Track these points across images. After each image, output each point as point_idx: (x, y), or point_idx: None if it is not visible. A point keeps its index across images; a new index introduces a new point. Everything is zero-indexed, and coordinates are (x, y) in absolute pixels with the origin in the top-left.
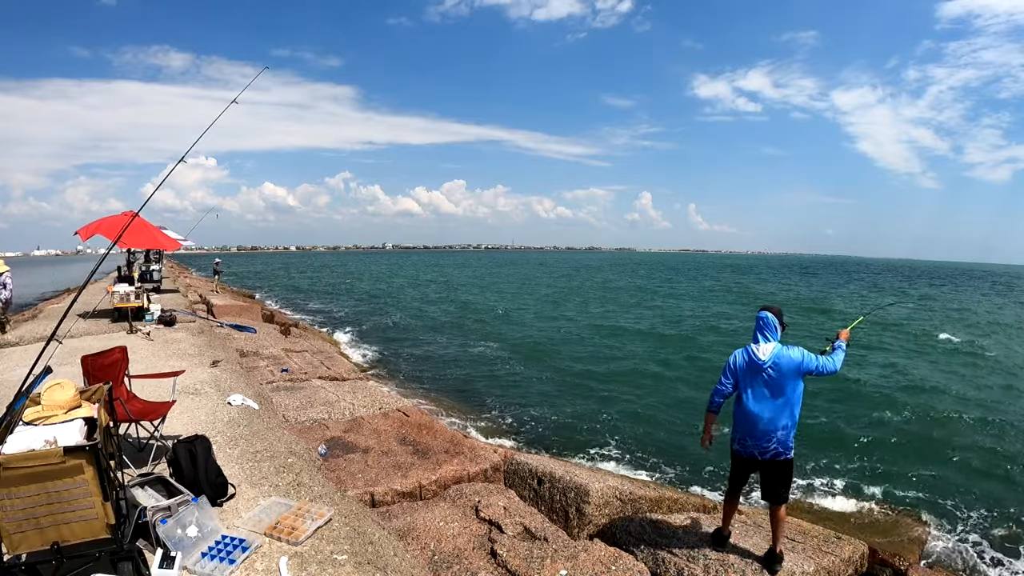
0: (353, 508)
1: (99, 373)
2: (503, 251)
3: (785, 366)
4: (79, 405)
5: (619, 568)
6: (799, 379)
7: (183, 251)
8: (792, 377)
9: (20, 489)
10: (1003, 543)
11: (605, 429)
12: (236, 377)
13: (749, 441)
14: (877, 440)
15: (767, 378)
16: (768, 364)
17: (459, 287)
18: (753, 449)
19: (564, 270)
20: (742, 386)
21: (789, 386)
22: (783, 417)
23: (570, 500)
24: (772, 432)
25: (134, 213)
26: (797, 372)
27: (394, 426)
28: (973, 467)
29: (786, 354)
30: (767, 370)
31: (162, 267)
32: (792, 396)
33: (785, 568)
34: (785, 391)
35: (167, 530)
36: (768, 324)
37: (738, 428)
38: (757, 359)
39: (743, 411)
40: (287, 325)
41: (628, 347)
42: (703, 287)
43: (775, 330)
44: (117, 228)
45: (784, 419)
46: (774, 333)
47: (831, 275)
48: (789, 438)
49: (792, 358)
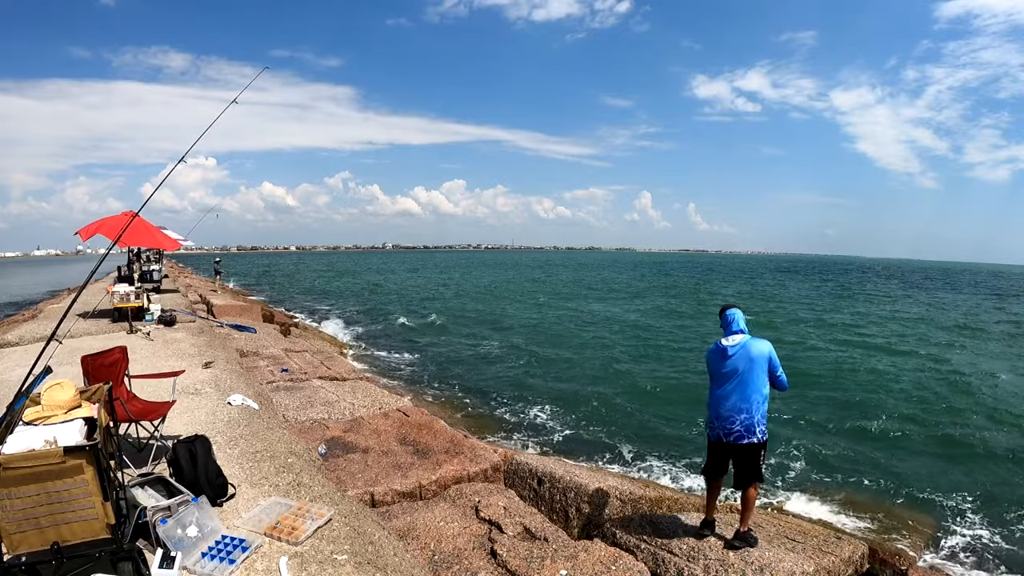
0: (353, 508)
1: (99, 373)
2: (503, 251)
3: (752, 353)
4: (79, 405)
5: (619, 568)
6: (764, 369)
7: (183, 251)
8: (758, 365)
9: (20, 489)
10: (1003, 543)
11: (605, 429)
12: (236, 377)
13: (715, 423)
14: (877, 440)
15: (732, 364)
16: (734, 351)
17: (462, 291)
18: (719, 431)
19: (565, 270)
20: (712, 373)
21: (753, 373)
22: (746, 401)
23: (570, 500)
24: (735, 415)
25: (134, 213)
26: (762, 361)
27: (394, 426)
28: (973, 467)
29: (754, 344)
30: (732, 356)
31: (162, 267)
32: (756, 382)
33: (785, 568)
34: (749, 377)
35: (167, 530)
36: (735, 319)
37: (708, 411)
38: (724, 347)
39: (712, 396)
40: (287, 325)
41: (628, 347)
42: (700, 286)
43: (742, 323)
44: (117, 228)
45: (747, 403)
46: (741, 326)
47: (811, 275)
48: (755, 423)
49: (760, 348)
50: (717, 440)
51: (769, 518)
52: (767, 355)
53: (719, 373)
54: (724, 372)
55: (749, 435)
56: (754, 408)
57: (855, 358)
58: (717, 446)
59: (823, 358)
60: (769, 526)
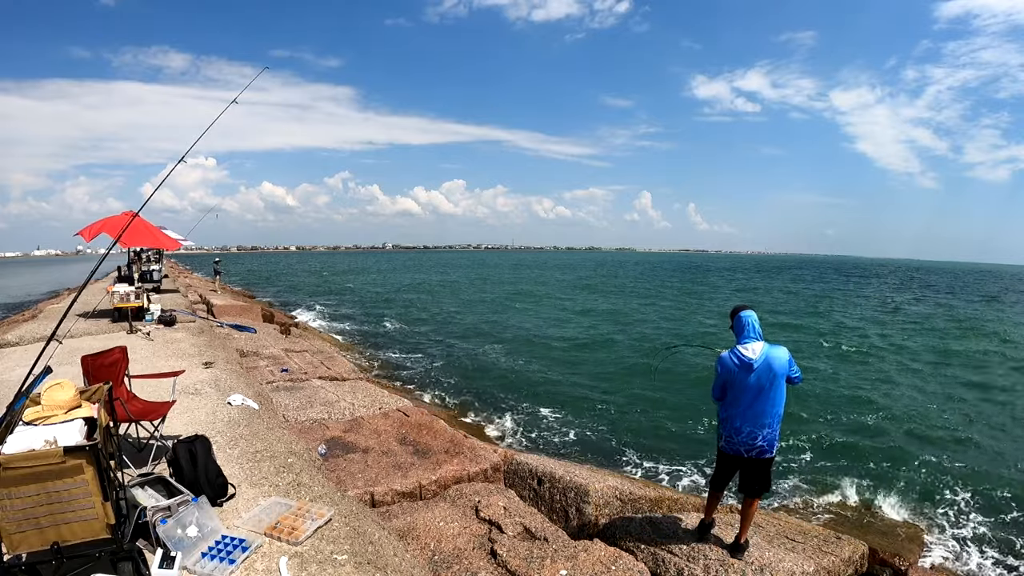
0: (353, 508)
1: (99, 373)
2: (503, 251)
3: (776, 367)
4: (79, 405)
5: (619, 568)
6: (784, 380)
7: (183, 251)
8: (780, 377)
9: (20, 489)
10: (1003, 543)
11: (605, 429)
12: (236, 377)
13: (735, 439)
14: (877, 440)
15: (758, 377)
16: (759, 363)
17: (462, 291)
18: (740, 447)
19: (564, 270)
20: (732, 386)
21: (776, 384)
22: (771, 416)
23: (570, 500)
24: (759, 431)
25: (134, 213)
26: (784, 373)
27: (394, 426)
28: (973, 467)
29: (775, 353)
30: (758, 369)
31: (162, 267)
32: (779, 395)
33: (785, 568)
34: (773, 390)
35: (167, 530)
36: (751, 324)
37: (726, 427)
38: (748, 359)
39: (730, 410)
40: (287, 325)
41: (628, 347)
42: (693, 285)
43: (759, 327)
44: (118, 228)
45: (771, 418)
46: (759, 331)
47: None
48: (775, 437)
49: (780, 357)
50: (736, 455)
51: (769, 518)
52: (787, 364)
53: (741, 388)
54: (747, 386)
55: (770, 449)
56: (776, 422)
57: (855, 357)
58: (734, 460)
59: (823, 358)
60: (769, 526)
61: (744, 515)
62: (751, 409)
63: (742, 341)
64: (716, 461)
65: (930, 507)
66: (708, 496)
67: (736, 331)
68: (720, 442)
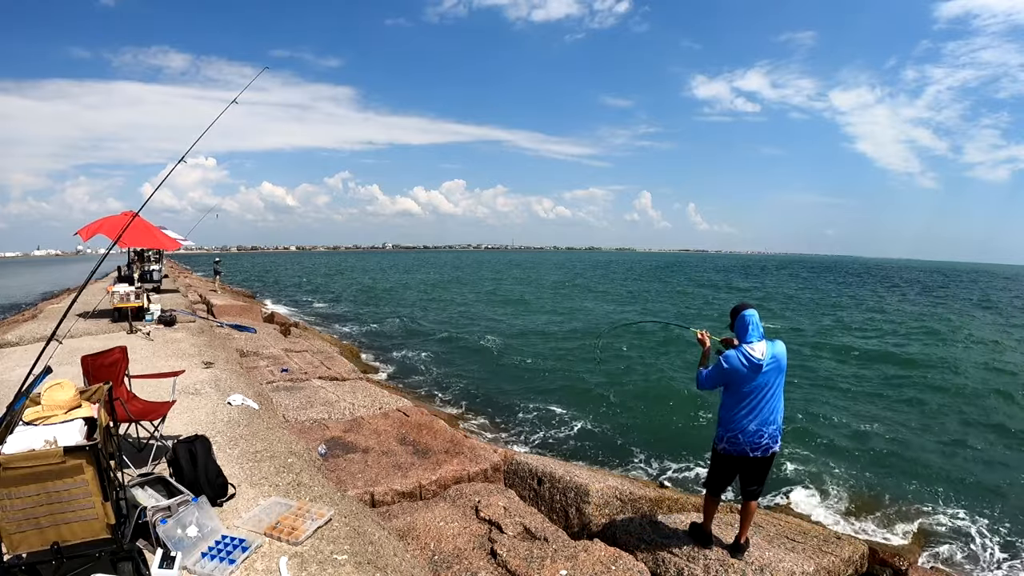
0: (353, 508)
1: (99, 373)
2: (503, 251)
3: (782, 365)
4: (79, 405)
5: (619, 568)
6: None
7: (183, 251)
8: (784, 373)
9: (20, 489)
10: (1003, 543)
11: (606, 429)
12: (236, 377)
13: (741, 439)
14: (876, 440)
15: (764, 378)
16: (768, 364)
17: (462, 291)
18: (745, 446)
19: (565, 270)
20: (739, 387)
21: (781, 382)
22: (775, 412)
23: (570, 500)
24: (765, 428)
25: (134, 213)
26: (785, 367)
27: (394, 426)
28: (973, 467)
29: (779, 351)
30: (766, 370)
31: (162, 267)
32: (782, 391)
33: (785, 568)
34: (778, 390)
35: (167, 530)
36: (755, 323)
37: (730, 427)
38: (757, 360)
39: (734, 410)
40: (287, 325)
41: (628, 347)
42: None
43: (761, 326)
44: (117, 228)
45: (776, 414)
46: (761, 331)
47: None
48: (779, 430)
49: (783, 354)
50: (741, 455)
51: (769, 518)
52: (785, 358)
53: (750, 389)
54: (756, 387)
55: (774, 443)
56: (780, 417)
57: (855, 357)
58: (737, 461)
59: (823, 358)
60: (769, 526)
61: (744, 515)
62: (757, 409)
63: (747, 340)
64: (712, 465)
65: (930, 507)
66: (705, 503)
67: (738, 331)
68: (721, 444)
